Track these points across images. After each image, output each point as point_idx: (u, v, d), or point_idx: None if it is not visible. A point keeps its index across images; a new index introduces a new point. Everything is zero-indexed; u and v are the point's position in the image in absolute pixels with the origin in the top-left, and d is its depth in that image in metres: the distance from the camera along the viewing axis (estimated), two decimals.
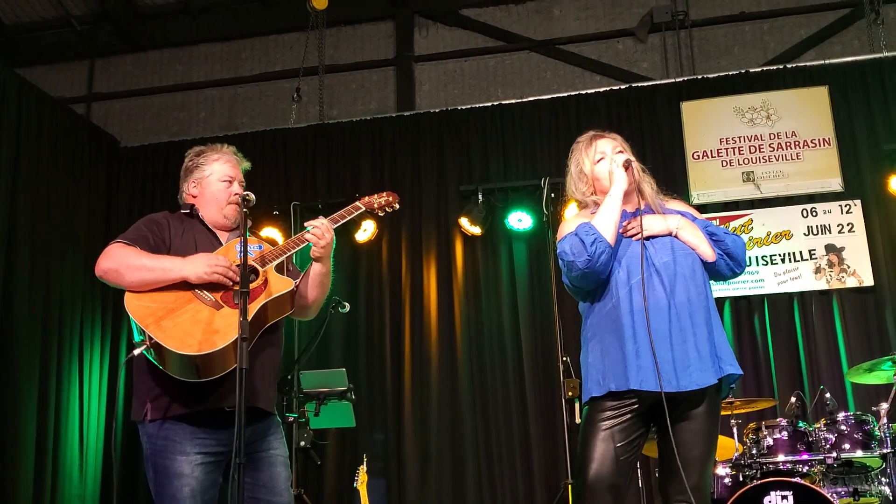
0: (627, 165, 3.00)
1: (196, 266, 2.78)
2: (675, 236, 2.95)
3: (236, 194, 3.04)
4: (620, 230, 2.96)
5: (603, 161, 3.07)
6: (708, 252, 2.96)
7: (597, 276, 2.89)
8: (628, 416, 2.83)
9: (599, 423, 2.83)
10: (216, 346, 2.64)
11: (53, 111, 6.89)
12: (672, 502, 2.85)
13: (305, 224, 3.01)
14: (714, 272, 3.00)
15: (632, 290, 2.85)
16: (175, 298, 2.75)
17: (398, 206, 3.34)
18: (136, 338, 2.73)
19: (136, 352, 2.70)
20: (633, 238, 2.93)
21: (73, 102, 7.96)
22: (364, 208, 3.23)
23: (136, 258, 2.77)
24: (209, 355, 2.63)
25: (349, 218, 3.14)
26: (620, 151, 3.07)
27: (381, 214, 3.32)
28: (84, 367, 6.72)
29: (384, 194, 3.31)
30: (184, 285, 2.78)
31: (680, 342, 2.79)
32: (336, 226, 3.04)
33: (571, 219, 3.08)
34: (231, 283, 2.78)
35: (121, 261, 2.78)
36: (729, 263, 2.99)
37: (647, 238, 2.93)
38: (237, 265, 2.84)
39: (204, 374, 2.66)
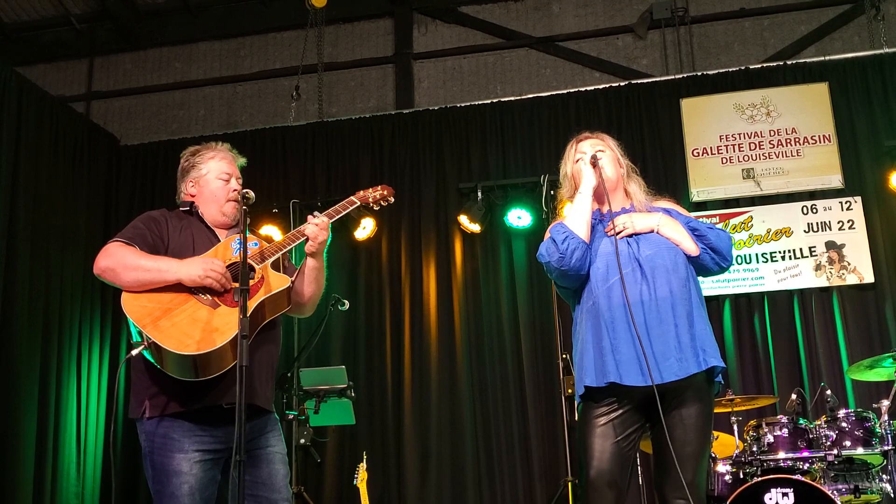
0: (594, 162, 3.02)
1: (191, 269, 2.76)
2: (657, 233, 2.97)
3: (235, 191, 3.05)
4: (605, 230, 2.97)
5: (580, 161, 3.10)
6: (691, 247, 2.98)
7: (576, 274, 2.92)
8: (621, 411, 2.84)
9: (594, 420, 2.85)
10: (215, 345, 2.63)
11: (53, 109, 6.87)
12: (669, 500, 2.85)
13: (308, 220, 3.01)
14: (700, 267, 3.02)
15: (611, 287, 2.87)
16: (172, 298, 2.74)
17: (393, 200, 3.35)
18: (135, 338, 2.72)
19: (135, 352, 2.69)
20: (617, 237, 2.95)
21: (72, 101, 7.96)
22: (359, 202, 3.23)
23: (133, 258, 2.76)
24: (207, 354, 2.63)
25: (345, 213, 3.15)
26: (601, 150, 3.09)
27: (376, 208, 3.32)
28: (83, 365, 6.71)
29: (379, 188, 3.32)
30: (181, 285, 2.77)
31: (660, 334, 2.80)
32: (332, 220, 3.04)
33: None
34: (223, 290, 2.77)
35: (118, 260, 2.77)
36: (714, 258, 3.01)
37: (630, 235, 2.96)
38: (231, 263, 2.84)
39: (202, 373, 2.66)
